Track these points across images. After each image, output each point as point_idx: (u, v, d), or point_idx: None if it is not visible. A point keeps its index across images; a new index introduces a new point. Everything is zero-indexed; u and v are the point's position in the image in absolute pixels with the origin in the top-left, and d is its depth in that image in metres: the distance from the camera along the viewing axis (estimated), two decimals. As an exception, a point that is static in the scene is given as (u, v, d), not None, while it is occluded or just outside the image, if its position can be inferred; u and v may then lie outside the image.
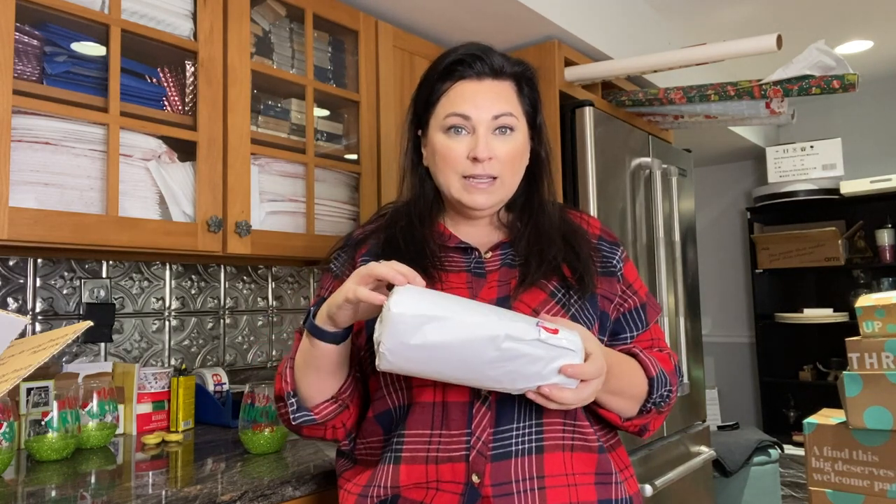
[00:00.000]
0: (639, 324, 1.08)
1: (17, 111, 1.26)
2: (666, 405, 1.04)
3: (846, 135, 3.92)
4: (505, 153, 1.00)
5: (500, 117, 1.00)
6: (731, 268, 4.36)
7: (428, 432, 0.93)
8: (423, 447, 0.93)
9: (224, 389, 1.67)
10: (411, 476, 0.93)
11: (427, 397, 0.94)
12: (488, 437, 0.91)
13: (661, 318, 1.15)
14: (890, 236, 3.66)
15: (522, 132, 1.04)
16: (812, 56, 1.89)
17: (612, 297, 1.04)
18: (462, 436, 0.91)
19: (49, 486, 1.10)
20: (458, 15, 2.08)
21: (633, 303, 1.08)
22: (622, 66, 2.14)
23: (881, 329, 1.95)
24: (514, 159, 1.01)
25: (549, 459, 0.92)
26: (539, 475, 0.91)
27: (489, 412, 0.92)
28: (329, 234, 1.76)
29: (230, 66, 1.56)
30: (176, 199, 1.48)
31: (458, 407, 0.93)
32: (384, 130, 1.93)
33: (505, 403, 0.93)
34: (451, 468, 0.91)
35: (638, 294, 1.09)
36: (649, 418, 1.03)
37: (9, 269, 1.54)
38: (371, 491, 0.95)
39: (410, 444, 0.94)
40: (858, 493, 1.96)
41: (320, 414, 0.96)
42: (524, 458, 0.92)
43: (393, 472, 0.94)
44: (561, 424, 0.95)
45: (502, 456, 0.91)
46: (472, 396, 0.93)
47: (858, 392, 1.93)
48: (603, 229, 1.12)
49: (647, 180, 2.34)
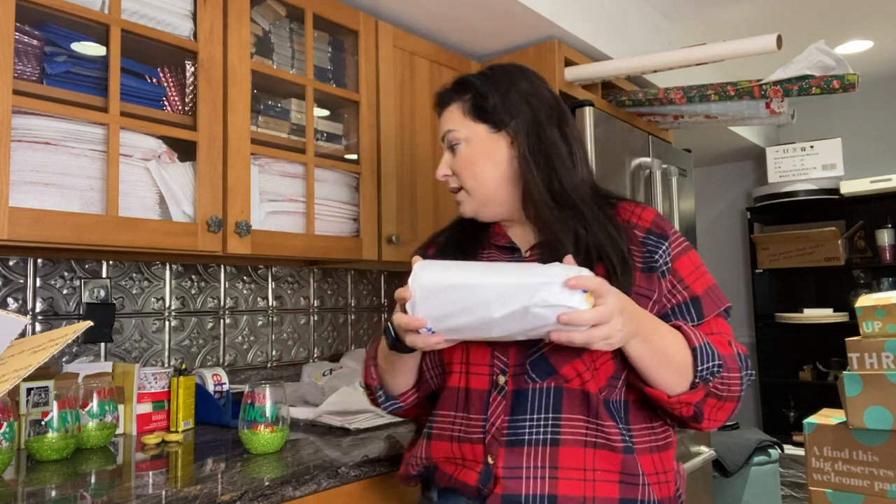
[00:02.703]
0: (690, 317, 1.03)
1: (17, 111, 1.26)
2: (725, 389, 0.97)
3: (846, 135, 3.92)
4: (456, 165, 1.13)
5: (445, 137, 1.14)
6: (731, 268, 4.36)
7: (452, 414, 1.05)
8: (448, 427, 1.05)
9: (224, 389, 1.67)
10: (439, 451, 1.06)
11: (454, 382, 1.05)
12: (502, 423, 0.98)
13: (727, 313, 1.07)
14: (890, 236, 3.66)
15: (476, 141, 1.11)
16: (812, 56, 1.89)
17: (650, 295, 1.02)
18: (479, 421, 1.01)
19: (49, 486, 1.10)
20: (458, 15, 2.08)
21: (682, 297, 1.04)
22: (622, 66, 2.14)
23: (881, 329, 1.94)
24: (464, 168, 1.12)
25: (565, 453, 0.95)
26: (553, 465, 0.95)
27: (504, 401, 1.00)
28: (329, 234, 1.76)
29: (230, 66, 1.56)
30: (176, 199, 1.48)
31: (478, 394, 1.02)
32: (384, 130, 1.93)
33: (521, 395, 0.99)
34: (472, 448, 1.01)
35: (690, 288, 1.04)
36: (698, 396, 0.95)
37: (9, 269, 1.54)
38: (413, 460, 1.11)
39: (439, 423, 1.07)
40: (858, 493, 1.96)
41: (406, 401, 1.13)
42: (538, 448, 0.96)
43: (426, 446, 1.08)
44: (583, 421, 0.97)
45: (515, 443, 0.97)
46: (491, 386, 1.01)
47: (858, 392, 1.93)
48: (655, 222, 1.08)
49: (647, 180, 2.34)
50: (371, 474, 1.27)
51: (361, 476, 1.25)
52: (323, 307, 2.20)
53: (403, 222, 1.97)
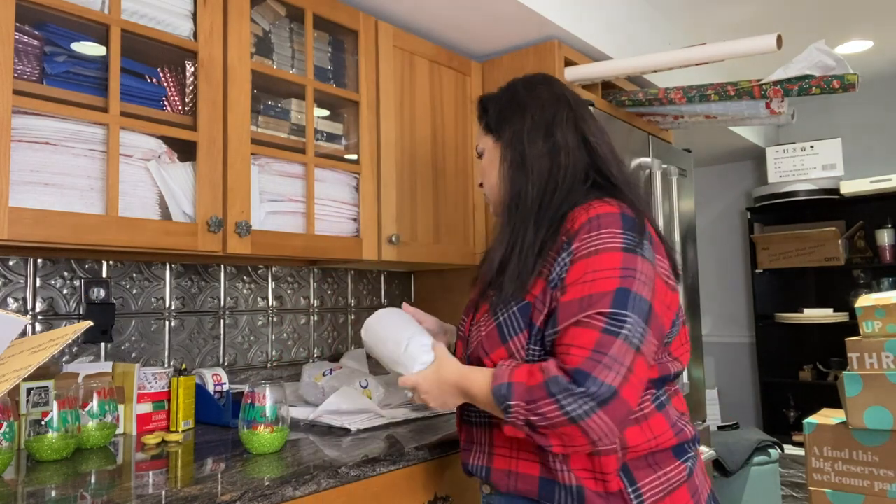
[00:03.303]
0: (553, 327, 1.01)
1: (17, 111, 1.26)
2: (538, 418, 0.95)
3: (846, 135, 3.92)
4: (479, 173, 1.31)
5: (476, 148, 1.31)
6: (731, 268, 4.36)
7: None
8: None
9: (224, 389, 1.67)
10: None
11: None
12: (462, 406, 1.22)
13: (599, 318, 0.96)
14: (890, 236, 3.66)
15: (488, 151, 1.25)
16: (812, 56, 1.89)
17: (542, 308, 1.04)
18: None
19: (49, 486, 1.10)
20: (458, 15, 2.08)
21: (552, 306, 1.02)
22: (622, 66, 2.14)
23: (881, 329, 1.95)
24: (482, 175, 1.29)
25: (498, 435, 1.13)
26: (490, 443, 1.15)
27: None
28: (329, 235, 1.76)
29: (230, 66, 1.56)
30: (176, 199, 1.48)
31: None
32: (384, 130, 1.93)
33: None
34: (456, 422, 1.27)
35: (566, 292, 1.00)
36: (519, 431, 1.00)
37: (9, 269, 1.54)
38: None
39: None
40: (858, 493, 1.96)
41: None
42: (481, 429, 1.18)
43: None
44: None
45: (468, 423, 1.21)
46: None
47: (858, 392, 1.93)
48: (586, 225, 1.04)
49: (647, 180, 2.34)
50: (371, 474, 1.27)
51: (361, 476, 1.25)
52: (323, 307, 2.20)
53: (403, 222, 1.97)
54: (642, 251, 1.02)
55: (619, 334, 0.94)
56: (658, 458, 1.05)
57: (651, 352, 0.99)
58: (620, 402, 0.93)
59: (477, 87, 2.29)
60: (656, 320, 1.01)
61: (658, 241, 1.10)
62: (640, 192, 1.19)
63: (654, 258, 1.05)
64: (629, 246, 1.01)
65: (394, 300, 2.42)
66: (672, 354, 1.10)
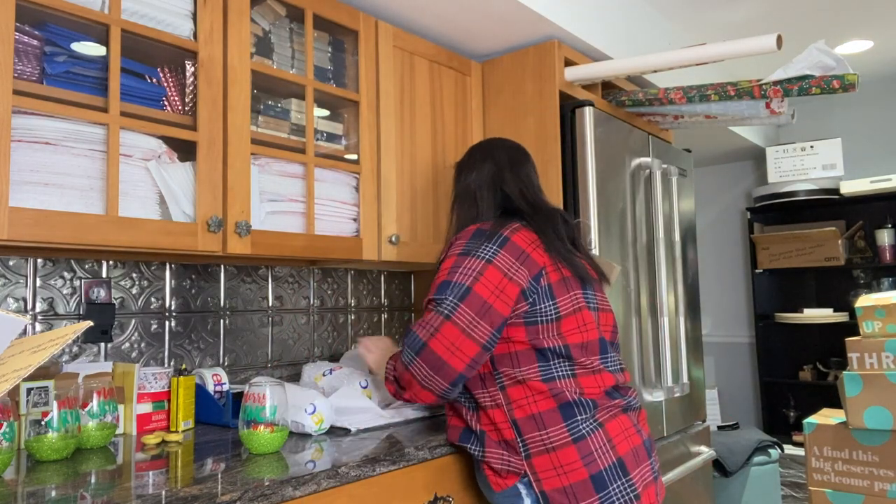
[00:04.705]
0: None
1: (17, 111, 1.26)
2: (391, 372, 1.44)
3: (846, 135, 3.92)
4: None
5: None
6: (731, 268, 4.36)
7: None
8: None
9: (224, 389, 1.67)
10: None
11: None
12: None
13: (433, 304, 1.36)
14: (890, 236, 3.66)
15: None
16: (812, 56, 1.89)
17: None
18: None
19: (49, 486, 1.10)
20: (458, 15, 2.08)
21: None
22: (622, 66, 2.14)
23: (881, 329, 1.95)
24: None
25: (449, 407, 1.48)
26: (448, 408, 1.49)
27: None
28: (329, 235, 1.76)
29: (230, 66, 1.56)
30: (176, 199, 1.48)
31: None
32: (384, 130, 1.93)
33: None
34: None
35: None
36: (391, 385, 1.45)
37: (9, 269, 1.54)
38: None
39: None
40: (858, 493, 1.96)
41: None
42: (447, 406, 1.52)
43: None
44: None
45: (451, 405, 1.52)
46: None
47: (858, 392, 1.93)
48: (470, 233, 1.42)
49: (647, 180, 2.34)
50: (371, 474, 1.27)
51: (361, 476, 1.25)
52: (323, 307, 2.20)
53: (403, 222, 1.97)
54: (477, 253, 1.35)
55: (436, 310, 1.34)
56: (545, 417, 1.31)
57: (467, 321, 1.30)
58: (429, 351, 1.30)
59: (477, 87, 2.29)
60: (477, 298, 1.31)
61: (524, 243, 1.38)
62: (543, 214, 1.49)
63: (497, 257, 1.34)
64: (465, 251, 1.37)
65: (394, 300, 2.42)
66: (558, 332, 1.35)
